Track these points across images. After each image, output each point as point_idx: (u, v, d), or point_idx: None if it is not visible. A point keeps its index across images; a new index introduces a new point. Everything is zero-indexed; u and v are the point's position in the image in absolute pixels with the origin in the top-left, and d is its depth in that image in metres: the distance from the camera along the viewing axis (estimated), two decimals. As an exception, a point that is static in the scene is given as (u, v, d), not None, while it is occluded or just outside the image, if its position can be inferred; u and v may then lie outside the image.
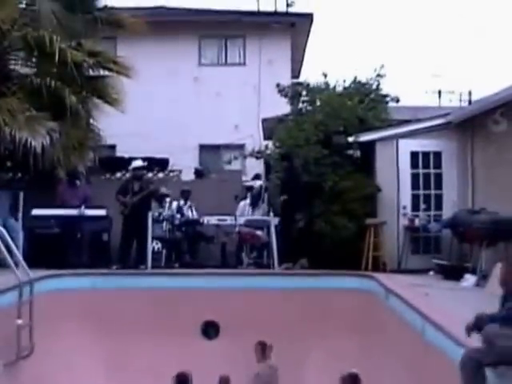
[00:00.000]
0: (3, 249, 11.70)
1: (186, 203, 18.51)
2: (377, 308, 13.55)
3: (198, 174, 22.27)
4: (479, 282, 13.86)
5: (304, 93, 20.21)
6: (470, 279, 14.33)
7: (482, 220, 14.42)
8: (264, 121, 22.53)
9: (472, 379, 6.53)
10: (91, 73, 19.26)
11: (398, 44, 58.78)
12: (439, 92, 26.05)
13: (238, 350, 13.39)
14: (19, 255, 12.26)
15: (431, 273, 15.88)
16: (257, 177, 20.31)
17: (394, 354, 11.59)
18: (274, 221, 17.10)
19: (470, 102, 20.15)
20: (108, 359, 12.99)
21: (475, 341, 7.02)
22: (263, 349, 10.91)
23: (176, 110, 25.06)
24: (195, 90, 25.69)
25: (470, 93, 22.58)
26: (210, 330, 14.73)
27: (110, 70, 19.38)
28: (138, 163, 17.16)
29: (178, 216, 18.08)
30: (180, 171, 21.62)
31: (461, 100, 23.19)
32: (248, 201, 18.30)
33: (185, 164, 22.13)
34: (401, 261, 17.04)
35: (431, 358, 9.40)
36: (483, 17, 59.87)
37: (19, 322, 11.08)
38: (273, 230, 16.79)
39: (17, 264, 11.79)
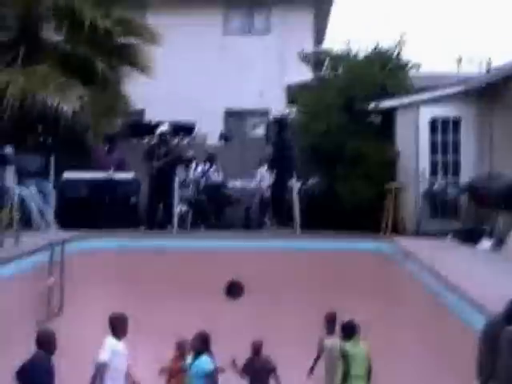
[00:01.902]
0: (36, 210, 11.73)
1: (211, 167, 18.41)
2: (396, 270, 13.49)
3: (224, 138, 22.17)
4: (496, 246, 13.74)
5: (326, 60, 20.00)
6: (486, 243, 14.21)
7: (499, 184, 14.26)
8: (288, 87, 22.38)
9: None
10: (121, 40, 19.16)
11: (419, 12, 57.95)
12: (459, 59, 25.61)
13: (261, 310, 13.38)
14: (51, 216, 12.29)
15: (449, 236, 15.74)
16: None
17: (411, 315, 11.52)
18: (297, 185, 17.01)
19: (488, 71, 19.81)
20: (134, 319, 12.97)
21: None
22: (334, 320, 10.42)
23: (202, 76, 24.84)
24: (221, 58, 25.47)
25: (489, 61, 22.16)
26: (235, 290, 14.70)
27: (139, 37, 19.27)
28: (164, 128, 17.07)
29: (204, 179, 18.01)
30: (206, 135, 21.52)
31: (480, 68, 22.79)
32: (266, 166, 18.18)
33: (211, 129, 22.03)
34: (419, 224, 16.91)
35: (448, 321, 9.31)
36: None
37: (50, 280, 11.10)
38: (295, 193, 16.72)
39: (48, 225, 11.81)
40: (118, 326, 8.35)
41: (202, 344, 8.60)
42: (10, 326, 9.66)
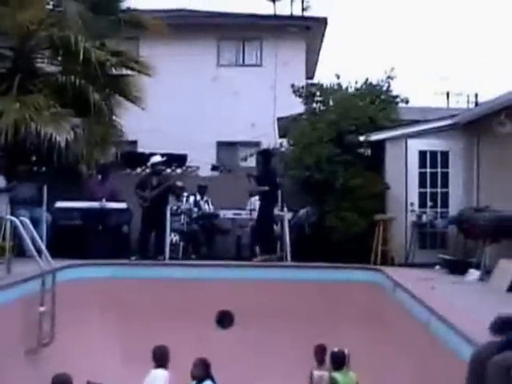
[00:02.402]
0: (28, 239, 11.72)
1: (202, 198, 18.47)
2: (384, 300, 13.49)
3: (215, 169, 22.25)
4: (483, 277, 13.79)
5: (318, 93, 20.18)
6: (474, 274, 14.25)
7: (487, 217, 14.36)
8: (279, 119, 22.54)
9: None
10: (114, 71, 19.28)
11: (408, 47, 58.54)
12: (447, 94, 25.94)
13: (251, 340, 13.37)
14: (43, 245, 12.27)
15: (437, 267, 15.79)
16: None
17: (401, 346, 11.52)
18: (287, 215, 17.06)
19: (476, 104, 20.03)
20: (126, 347, 12.98)
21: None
22: (323, 352, 10.53)
23: (195, 108, 25.01)
24: (214, 90, 25.62)
25: (476, 95, 22.45)
26: (225, 319, 14.68)
27: (132, 69, 19.44)
28: (156, 158, 17.12)
29: (195, 209, 18.06)
30: (198, 167, 21.58)
31: (468, 102, 23.08)
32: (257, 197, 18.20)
33: (203, 160, 22.09)
34: (408, 255, 16.98)
35: (436, 350, 9.33)
36: (490, 20, 59.48)
37: (42, 309, 11.06)
38: (286, 224, 16.76)
39: (40, 254, 11.79)
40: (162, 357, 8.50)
41: (204, 370, 8.61)
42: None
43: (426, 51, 57.38)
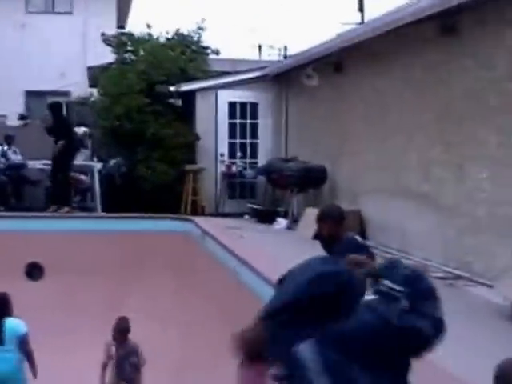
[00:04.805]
0: None
1: (10, 148, 17.63)
2: (194, 250, 13.39)
3: (23, 119, 21.33)
4: (290, 225, 13.97)
5: (128, 43, 19.69)
6: (281, 222, 14.44)
7: (294, 168, 14.52)
8: (90, 69, 21.86)
9: None
10: None
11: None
12: (259, 46, 25.97)
13: (61, 292, 12.94)
14: None
15: (246, 217, 15.90)
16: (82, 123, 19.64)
17: (210, 295, 11.45)
18: (98, 166, 16.64)
19: (285, 57, 20.18)
20: None
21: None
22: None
23: (2, 56, 23.87)
24: (22, 37, 24.53)
25: (285, 48, 22.61)
26: (34, 271, 14.13)
27: None
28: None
29: (3, 160, 17.22)
30: (5, 116, 20.63)
31: (280, 55, 23.16)
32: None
33: (10, 109, 21.16)
34: (218, 205, 17.02)
35: (244, 297, 9.29)
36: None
37: None
38: (96, 174, 16.33)
39: None
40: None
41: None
42: None
43: (237, 2, 57.73)
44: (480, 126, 9.30)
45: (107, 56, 20.25)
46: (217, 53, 19.76)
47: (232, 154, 17.33)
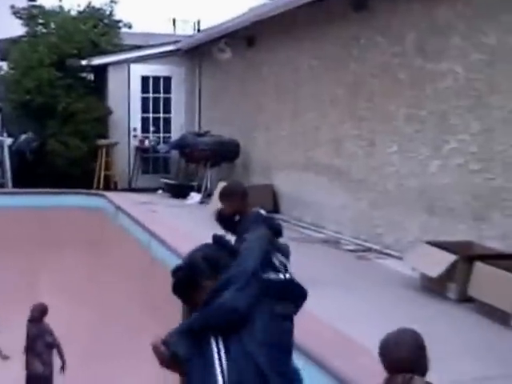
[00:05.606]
0: None
1: None
2: (107, 225, 13.27)
3: None
4: (204, 200, 13.93)
5: (39, 15, 19.22)
6: (195, 197, 14.40)
7: (207, 142, 14.47)
8: (-2, 42, 21.29)
9: None
10: None
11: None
12: (173, 20, 25.64)
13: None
14: None
15: (160, 191, 15.80)
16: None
17: (123, 269, 11.37)
18: (8, 141, 16.28)
19: (198, 31, 20.04)
20: None
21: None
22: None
23: None
24: None
25: (199, 22, 22.37)
26: None
27: None
28: None
29: None
30: None
31: (194, 29, 22.93)
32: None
33: None
34: (131, 180, 16.86)
35: (156, 271, 9.24)
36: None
37: None
38: (6, 150, 15.98)
39: None
40: None
41: None
42: None
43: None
44: (390, 101, 9.41)
45: (17, 28, 19.72)
46: (129, 26, 19.45)
47: (145, 129, 17.17)
